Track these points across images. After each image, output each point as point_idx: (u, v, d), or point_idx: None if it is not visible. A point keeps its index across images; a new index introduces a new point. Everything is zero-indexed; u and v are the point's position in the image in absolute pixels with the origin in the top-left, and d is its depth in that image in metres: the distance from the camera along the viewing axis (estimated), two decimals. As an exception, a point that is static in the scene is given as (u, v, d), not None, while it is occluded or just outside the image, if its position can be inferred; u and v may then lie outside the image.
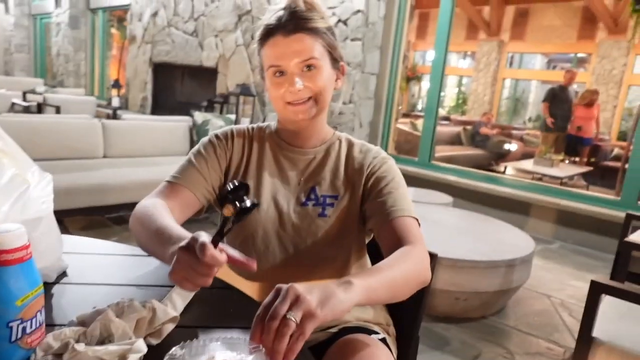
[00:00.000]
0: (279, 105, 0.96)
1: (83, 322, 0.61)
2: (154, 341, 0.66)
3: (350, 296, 0.66)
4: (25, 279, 0.53)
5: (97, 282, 0.86)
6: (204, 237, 0.69)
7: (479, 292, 2.29)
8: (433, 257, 1.07)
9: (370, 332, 0.96)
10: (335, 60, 0.98)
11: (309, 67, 0.93)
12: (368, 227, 1.00)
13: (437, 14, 4.66)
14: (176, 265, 0.69)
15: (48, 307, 0.75)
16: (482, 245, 2.48)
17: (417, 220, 0.94)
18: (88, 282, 0.85)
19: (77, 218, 3.31)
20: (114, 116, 5.69)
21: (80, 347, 0.53)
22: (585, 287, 2.91)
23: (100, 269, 0.92)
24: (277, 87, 0.94)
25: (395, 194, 0.96)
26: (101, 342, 0.59)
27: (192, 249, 0.67)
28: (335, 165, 1.04)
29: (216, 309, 0.85)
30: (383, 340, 0.96)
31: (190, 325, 0.76)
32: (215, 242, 0.69)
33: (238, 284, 0.97)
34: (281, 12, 0.93)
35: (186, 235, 0.76)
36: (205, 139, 1.05)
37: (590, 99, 6.54)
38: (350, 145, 1.07)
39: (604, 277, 1.57)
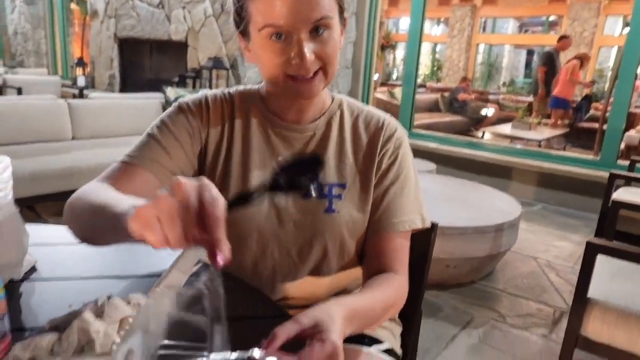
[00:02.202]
0: (275, 76, 0.74)
1: (57, 326, 0.53)
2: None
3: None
4: (-22, 283, 0.44)
5: (71, 276, 0.77)
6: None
7: (469, 258, 2.27)
8: (433, 227, 1.01)
9: (371, 341, 0.86)
10: (342, 12, 0.76)
11: (320, 27, 0.71)
12: None
13: (410, -22, 4.52)
14: (151, 205, 0.46)
15: (16, 310, 0.66)
16: (470, 211, 2.46)
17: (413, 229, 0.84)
18: (61, 277, 0.76)
19: (48, 204, 3.15)
20: (81, 96, 5.43)
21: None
22: (569, 247, 2.98)
23: (75, 260, 0.83)
24: (276, 54, 0.72)
25: (399, 198, 0.83)
26: (80, 349, 0.51)
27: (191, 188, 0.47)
28: (339, 143, 0.85)
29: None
30: (389, 351, 0.87)
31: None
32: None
33: None
34: None
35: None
36: (172, 109, 0.82)
37: (585, 62, 6.61)
38: (354, 114, 0.88)
39: (597, 238, 1.55)
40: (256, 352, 0.54)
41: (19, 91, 4.56)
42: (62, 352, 0.48)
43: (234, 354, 0.53)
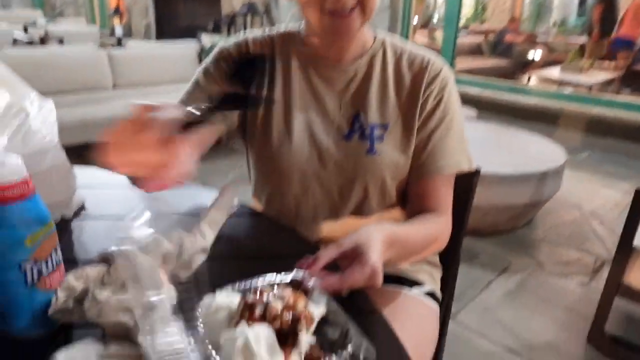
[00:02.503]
0: (312, 13, 0.73)
1: (106, 259, 0.56)
2: (184, 274, 0.61)
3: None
4: (31, 216, 0.47)
5: (118, 215, 0.81)
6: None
7: (509, 206, 2.23)
8: (476, 172, 0.98)
9: (412, 283, 0.87)
10: None
11: None
12: None
13: None
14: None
15: (68, 244, 0.70)
16: (512, 158, 2.38)
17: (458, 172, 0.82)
18: (108, 216, 0.80)
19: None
20: (119, 45, 5.48)
21: (102, 295, 0.48)
22: (616, 196, 2.87)
23: (120, 201, 0.87)
24: None
25: (445, 140, 0.80)
26: (126, 282, 0.53)
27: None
28: (381, 83, 0.82)
29: (251, 238, 0.80)
30: (429, 293, 0.88)
31: (219, 257, 0.71)
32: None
33: None
34: None
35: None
36: (214, 54, 0.84)
37: None
38: (397, 54, 0.84)
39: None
40: (299, 273, 0.56)
41: (61, 41, 4.65)
42: (110, 282, 0.51)
43: (278, 276, 0.56)
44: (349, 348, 0.46)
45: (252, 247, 0.77)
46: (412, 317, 0.80)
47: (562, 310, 1.79)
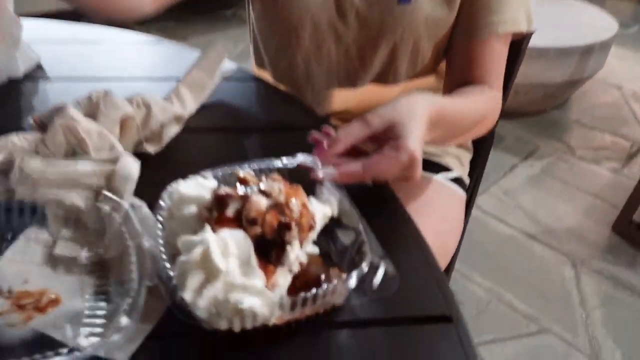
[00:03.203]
0: None
1: (43, 124, 0.43)
2: (151, 148, 0.49)
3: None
4: None
5: (80, 76, 0.66)
6: None
7: (544, 84, 2.01)
8: (526, 37, 0.78)
9: (438, 168, 0.74)
10: None
11: None
12: None
13: None
14: None
15: (16, 109, 0.57)
16: (553, 29, 2.08)
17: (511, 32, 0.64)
18: (68, 77, 0.65)
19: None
20: None
21: (33, 164, 0.36)
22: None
23: (86, 60, 0.71)
24: None
25: None
26: (71, 152, 0.41)
27: None
28: None
29: (247, 106, 0.66)
30: (456, 180, 0.76)
31: (206, 128, 0.58)
32: None
33: None
34: None
35: None
36: None
37: None
38: None
39: None
40: (305, 158, 0.42)
41: None
42: (49, 155, 0.39)
43: (275, 160, 0.42)
44: (363, 267, 0.33)
45: (247, 118, 0.64)
46: (437, 206, 0.69)
47: (588, 197, 1.69)
